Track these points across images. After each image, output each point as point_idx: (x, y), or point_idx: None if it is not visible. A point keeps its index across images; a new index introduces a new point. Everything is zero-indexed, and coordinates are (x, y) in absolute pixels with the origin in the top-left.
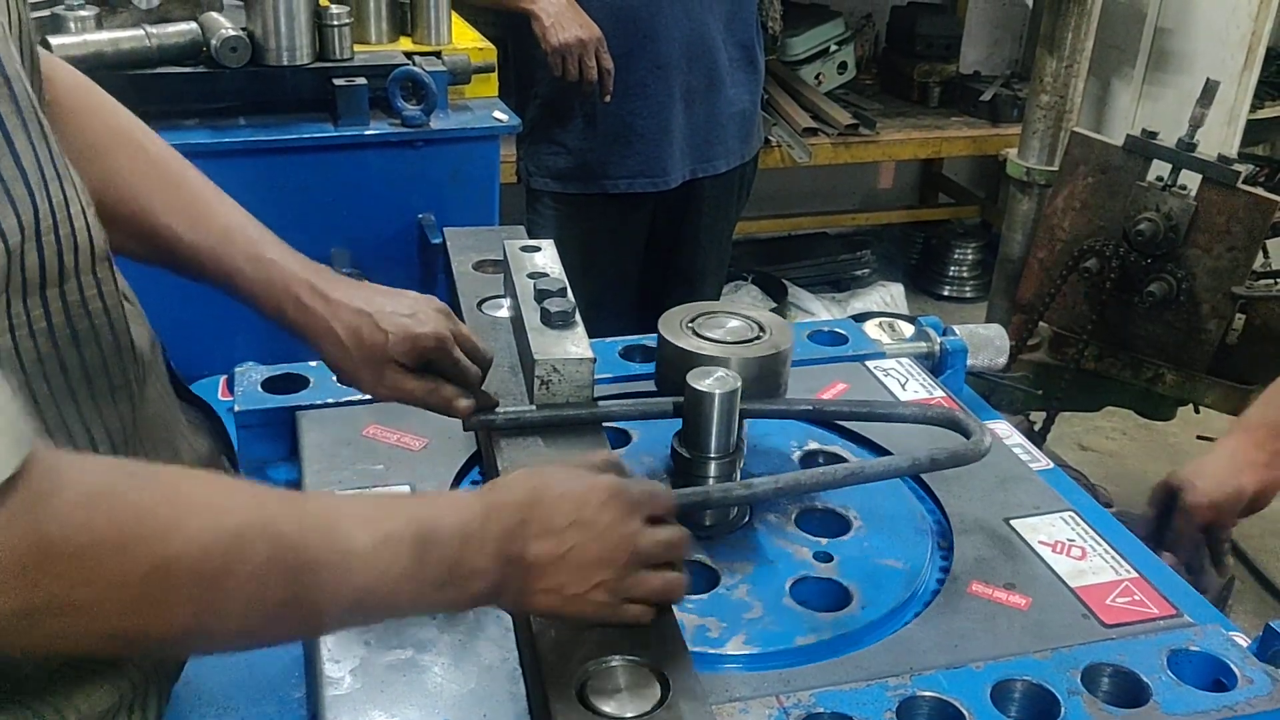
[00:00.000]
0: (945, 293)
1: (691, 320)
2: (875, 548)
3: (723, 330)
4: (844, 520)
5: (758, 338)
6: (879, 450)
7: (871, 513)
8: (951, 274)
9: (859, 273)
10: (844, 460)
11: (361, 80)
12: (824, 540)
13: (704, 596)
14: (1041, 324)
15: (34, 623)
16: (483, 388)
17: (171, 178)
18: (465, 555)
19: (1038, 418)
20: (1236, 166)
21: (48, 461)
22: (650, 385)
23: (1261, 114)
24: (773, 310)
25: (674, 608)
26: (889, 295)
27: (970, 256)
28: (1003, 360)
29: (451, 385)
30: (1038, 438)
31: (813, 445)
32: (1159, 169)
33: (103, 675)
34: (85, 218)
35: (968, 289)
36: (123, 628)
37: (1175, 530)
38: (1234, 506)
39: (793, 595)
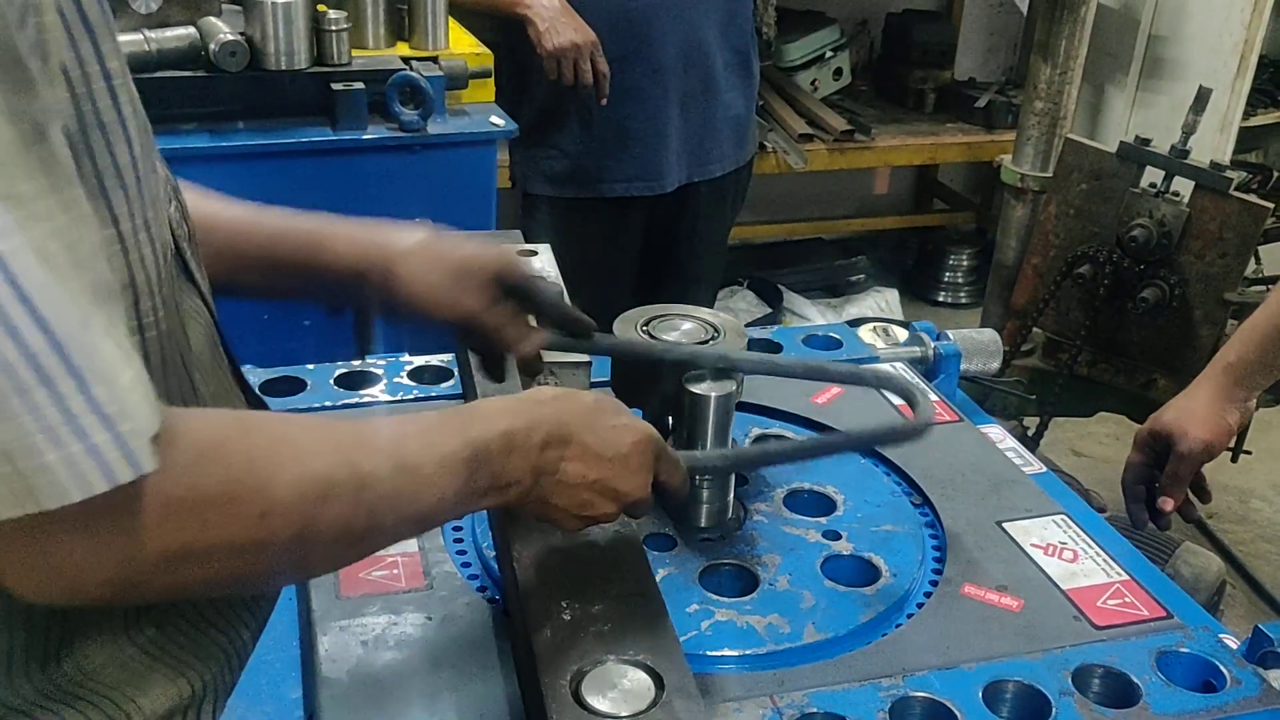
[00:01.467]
0: (940, 298)
1: (646, 323)
2: (871, 517)
3: (677, 333)
4: (830, 499)
5: (711, 339)
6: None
7: (849, 488)
8: (946, 280)
9: (854, 278)
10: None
11: (359, 85)
12: (823, 519)
13: (754, 595)
14: (1035, 329)
15: (172, 568)
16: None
17: (214, 194)
18: (509, 466)
19: (1031, 423)
20: (1229, 173)
21: (165, 421)
22: None
23: (1254, 121)
24: (768, 315)
25: (674, 611)
26: (884, 301)
27: (965, 262)
28: (996, 365)
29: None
30: (1031, 443)
31: (757, 431)
32: (1152, 175)
33: (167, 676)
34: (173, 211)
35: (962, 294)
36: (236, 570)
37: (1171, 476)
38: (1224, 446)
39: (830, 577)
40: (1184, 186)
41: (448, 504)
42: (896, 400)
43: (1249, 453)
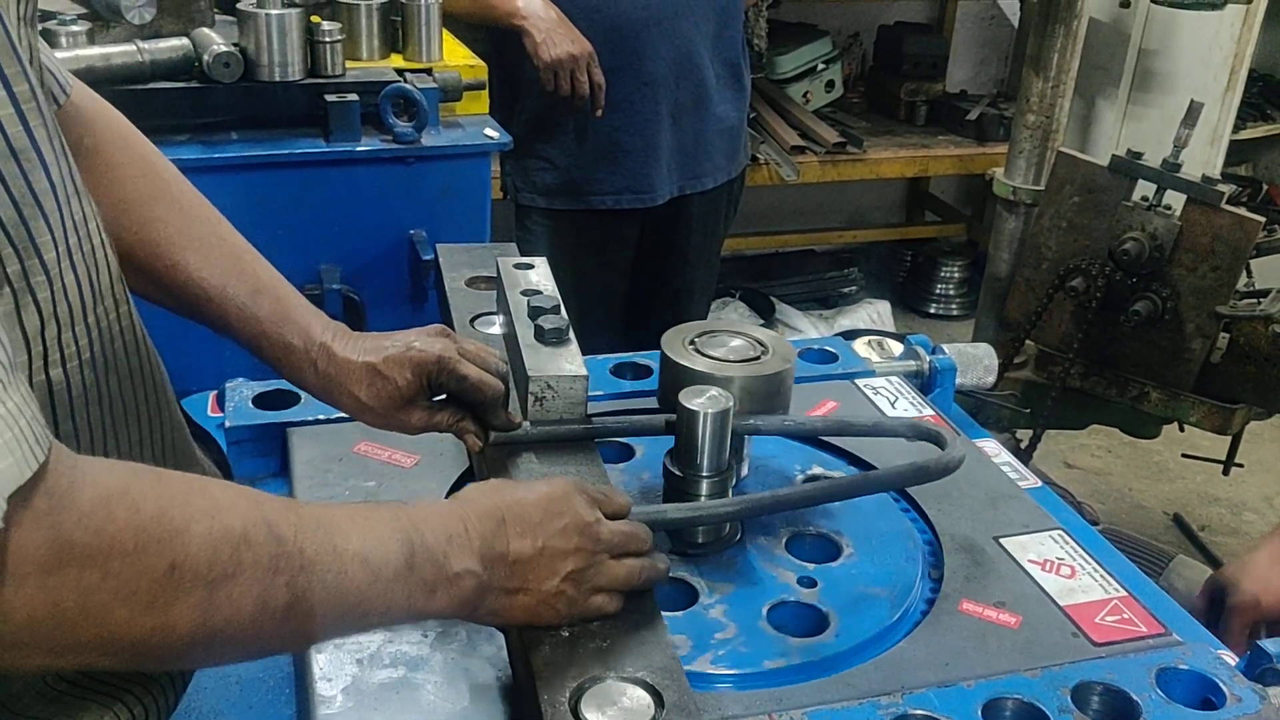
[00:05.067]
0: (932, 310)
1: (693, 339)
2: (863, 574)
3: (725, 349)
4: (835, 545)
5: (760, 355)
6: (843, 454)
7: (863, 537)
8: (938, 292)
9: (846, 290)
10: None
11: (353, 96)
12: (811, 565)
13: (679, 614)
14: (1028, 342)
15: (57, 628)
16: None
17: (207, 234)
18: (452, 555)
19: (1024, 435)
20: (1220, 187)
21: (66, 464)
22: (641, 402)
23: (1244, 135)
24: (759, 326)
25: (665, 625)
26: (876, 312)
27: (956, 274)
28: (991, 379)
29: (473, 417)
30: (1024, 455)
31: (817, 469)
32: (1144, 189)
33: (101, 703)
34: (103, 235)
35: (954, 307)
36: (136, 634)
37: (1224, 628)
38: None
39: (769, 619)
40: (1176, 200)
41: (385, 589)
42: (892, 428)
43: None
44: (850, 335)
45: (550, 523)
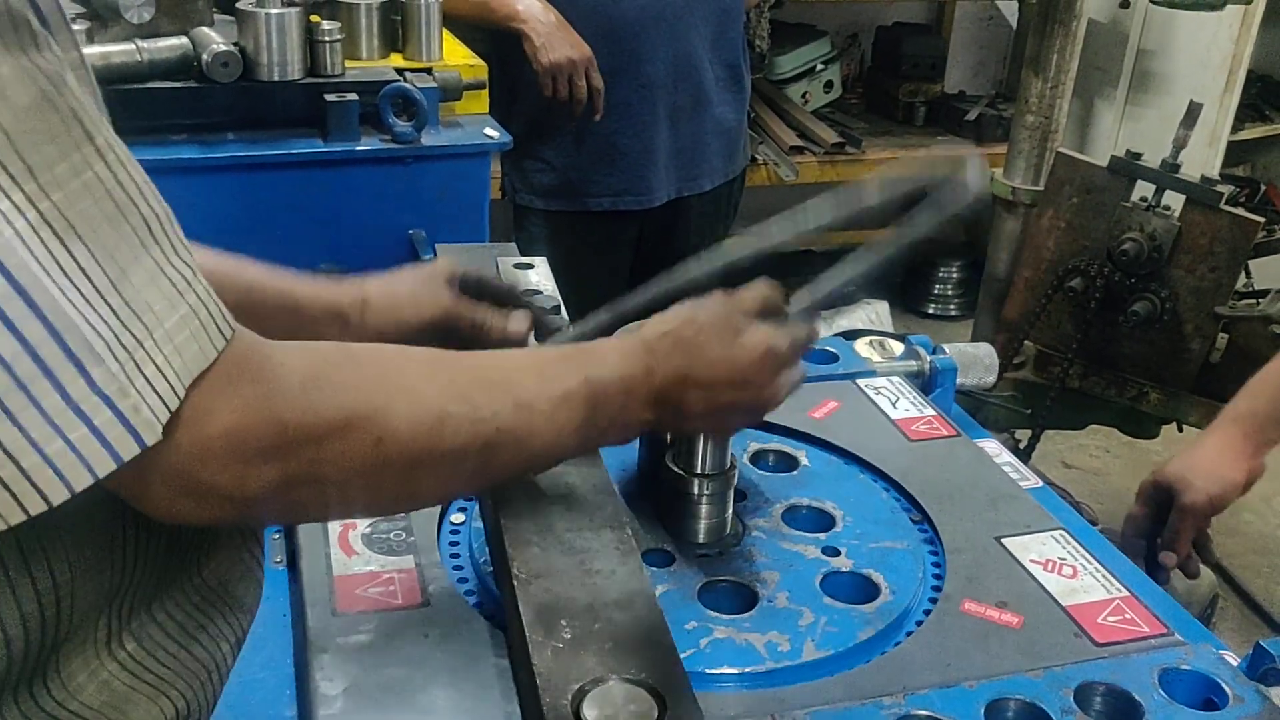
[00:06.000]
0: (930, 310)
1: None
2: (869, 534)
3: None
4: (829, 515)
5: None
6: (834, 450)
7: (849, 504)
8: (936, 292)
9: (844, 290)
10: (792, 457)
11: (352, 96)
12: (822, 535)
13: (753, 613)
14: (1026, 342)
15: (288, 492)
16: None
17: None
18: (629, 406)
19: (1023, 435)
20: (1219, 187)
21: (265, 350)
22: None
23: (1242, 135)
24: None
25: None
26: (874, 313)
27: (955, 275)
28: (991, 379)
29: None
30: (1022, 455)
31: (755, 446)
32: (1143, 189)
33: (149, 696)
34: None
35: (952, 307)
36: (349, 497)
37: (1173, 530)
38: (1229, 500)
39: (828, 594)
40: (1175, 200)
41: (568, 441)
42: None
43: None
44: (850, 335)
45: (731, 389)
